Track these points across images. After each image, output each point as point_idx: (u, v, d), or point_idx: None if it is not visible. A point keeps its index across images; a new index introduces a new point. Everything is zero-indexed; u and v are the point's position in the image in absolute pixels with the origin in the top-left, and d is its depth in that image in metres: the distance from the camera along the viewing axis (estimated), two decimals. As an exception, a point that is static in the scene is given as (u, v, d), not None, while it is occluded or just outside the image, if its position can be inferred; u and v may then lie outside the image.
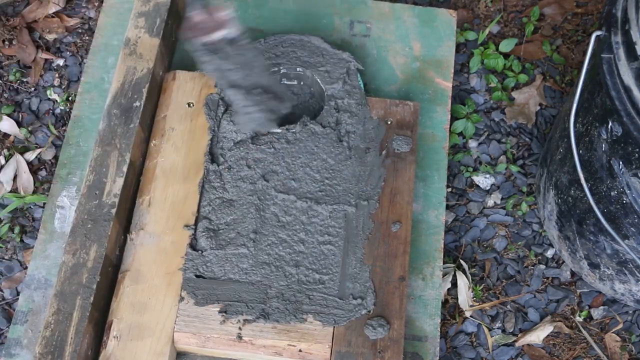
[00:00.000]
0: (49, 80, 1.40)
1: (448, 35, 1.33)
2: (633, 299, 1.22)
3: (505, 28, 1.50)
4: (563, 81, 1.45)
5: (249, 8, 1.34)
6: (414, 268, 1.15)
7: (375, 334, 1.01)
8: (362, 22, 1.33)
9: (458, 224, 1.33)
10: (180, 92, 1.16)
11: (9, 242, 1.28)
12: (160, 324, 1.01)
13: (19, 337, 1.10)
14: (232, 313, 1.01)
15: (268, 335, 1.01)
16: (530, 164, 1.38)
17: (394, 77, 1.29)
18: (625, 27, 0.94)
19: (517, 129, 1.41)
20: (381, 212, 1.09)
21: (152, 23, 1.17)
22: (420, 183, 1.21)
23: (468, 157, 1.38)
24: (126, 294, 1.02)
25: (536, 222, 1.34)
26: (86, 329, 0.97)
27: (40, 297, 1.12)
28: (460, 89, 1.43)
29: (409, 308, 1.12)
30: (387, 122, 1.15)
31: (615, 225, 1.07)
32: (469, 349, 1.25)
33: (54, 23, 1.45)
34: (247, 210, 1.08)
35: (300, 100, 1.21)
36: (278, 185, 1.10)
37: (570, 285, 1.31)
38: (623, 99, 0.94)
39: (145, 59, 1.14)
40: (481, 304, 1.27)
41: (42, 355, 0.95)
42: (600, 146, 1.03)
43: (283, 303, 1.03)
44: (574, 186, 1.14)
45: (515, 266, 1.31)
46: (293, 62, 1.20)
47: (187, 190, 1.09)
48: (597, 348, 1.25)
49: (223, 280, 1.03)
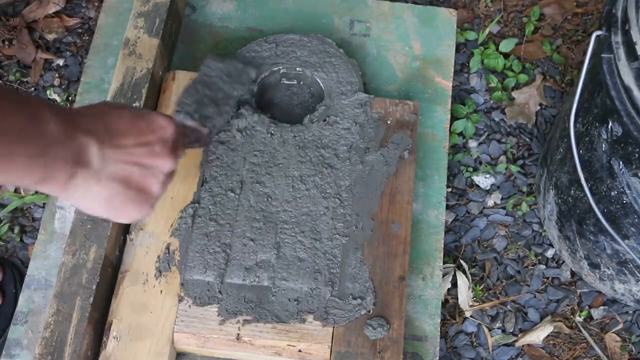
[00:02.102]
0: (49, 80, 1.40)
1: (448, 35, 1.33)
2: (633, 299, 1.22)
3: (505, 28, 1.50)
4: (563, 81, 1.45)
5: (249, 8, 1.34)
6: (414, 268, 1.15)
7: (375, 334, 1.01)
8: (362, 22, 1.33)
9: (458, 224, 1.33)
10: (180, 92, 1.16)
11: (9, 242, 1.28)
12: (160, 325, 1.01)
13: (18, 337, 1.10)
14: (231, 313, 1.01)
15: (267, 335, 1.01)
16: (530, 164, 1.38)
17: (394, 77, 1.29)
18: (625, 27, 0.94)
19: (517, 129, 1.41)
20: (381, 212, 1.09)
21: (151, 23, 1.17)
22: (420, 183, 1.21)
23: (468, 157, 1.38)
24: (126, 295, 1.02)
25: (536, 222, 1.34)
26: (86, 329, 0.97)
27: (40, 297, 1.12)
28: (460, 88, 1.43)
29: (409, 308, 1.12)
30: (387, 122, 1.15)
31: (616, 225, 1.07)
32: (469, 349, 1.25)
33: (53, 23, 1.45)
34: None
35: (300, 100, 1.21)
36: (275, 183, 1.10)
37: (570, 285, 1.31)
38: (623, 99, 0.94)
39: (144, 59, 1.14)
40: (481, 304, 1.27)
41: (41, 355, 0.95)
42: (600, 146, 1.03)
43: (283, 303, 1.03)
44: (574, 186, 1.14)
45: (515, 266, 1.31)
46: (293, 62, 1.20)
47: (187, 190, 1.09)
48: (597, 348, 1.25)
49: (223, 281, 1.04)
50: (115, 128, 0.76)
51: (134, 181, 0.78)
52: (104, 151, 0.73)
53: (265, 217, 1.07)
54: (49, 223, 1.17)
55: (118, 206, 0.78)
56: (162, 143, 0.81)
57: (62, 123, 0.68)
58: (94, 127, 0.73)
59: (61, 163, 0.69)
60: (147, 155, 0.79)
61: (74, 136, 0.70)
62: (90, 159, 0.72)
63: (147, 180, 0.80)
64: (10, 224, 1.28)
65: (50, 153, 0.67)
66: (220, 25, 1.32)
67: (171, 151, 0.83)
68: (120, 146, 0.76)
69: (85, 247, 1.01)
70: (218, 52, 1.29)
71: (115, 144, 0.75)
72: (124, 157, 0.76)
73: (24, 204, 1.28)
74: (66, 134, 0.68)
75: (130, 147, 0.77)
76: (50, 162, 0.67)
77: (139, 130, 0.79)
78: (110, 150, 0.74)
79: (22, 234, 1.28)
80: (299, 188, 1.10)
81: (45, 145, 0.66)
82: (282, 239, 1.06)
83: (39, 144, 0.65)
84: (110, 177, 0.75)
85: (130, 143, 0.77)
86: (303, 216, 1.08)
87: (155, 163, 0.80)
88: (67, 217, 1.17)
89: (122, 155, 0.76)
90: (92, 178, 0.73)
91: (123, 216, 0.81)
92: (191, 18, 1.32)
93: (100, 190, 0.75)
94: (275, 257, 1.05)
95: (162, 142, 0.81)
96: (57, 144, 0.68)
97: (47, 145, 0.66)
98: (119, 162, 0.76)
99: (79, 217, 1.03)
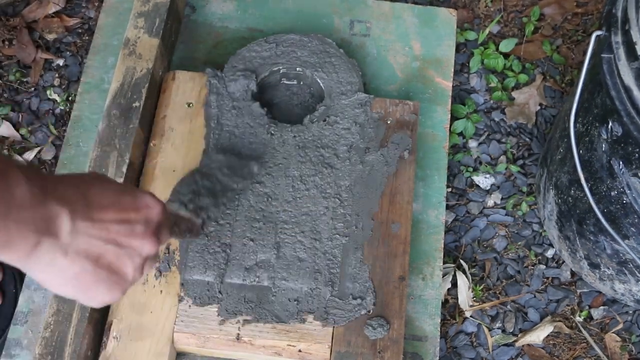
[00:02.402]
0: (49, 80, 1.40)
1: (448, 35, 1.33)
2: (633, 299, 1.22)
3: (505, 28, 1.50)
4: (563, 81, 1.45)
5: (249, 8, 1.34)
6: (414, 268, 1.15)
7: (375, 334, 1.01)
8: (362, 22, 1.33)
9: (458, 224, 1.33)
10: (180, 92, 1.16)
11: (9, 242, 1.27)
12: (160, 325, 1.01)
13: (18, 337, 1.10)
14: (231, 313, 1.01)
15: (267, 335, 1.01)
16: (530, 164, 1.38)
17: (394, 77, 1.29)
18: (625, 27, 0.94)
19: (517, 129, 1.41)
20: (381, 212, 1.09)
21: (151, 23, 1.17)
22: (420, 183, 1.21)
23: (468, 157, 1.38)
24: (126, 294, 1.02)
25: (536, 222, 1.34)
26: (86, 329, 0.97)
27: (40, 297, 1.12)
28: (460, 88, 1.43)
29: (409, 308, 1.12)
30: (387, 122, 1.15)
31: (615, 225, 1.07)
32: (469, 349, 1.25)
33: (53, 23, 1.45)
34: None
35: (300, 100, 1.22)
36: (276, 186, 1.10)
37: (570, 285, 1.31)
38: (623, 99, 0.94)
39: (144, 59, 1.14)
40: (481, 304, 1.27)
41: (41, 355, 0.95)
42: (600, 146, 1.03)
43: (283, 303, 1.03)
44: (574, 186, 1.14)
45: (515, 266, 1.31)
46: (293, 62, 1.20)
47: (187, 191, 1.09)
48: (597, 348, 1.25)
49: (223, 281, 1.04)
50: (95, 200, 0.69)
51: (106, 260, 0.70)
52: (75, 222, 0.66)
53: (265, 217, 1.08)
54: (49, 223, 1.17)
55: (86, 286, 0.70)
56: (145, 224, 0.74)
57: (33, 187, 0.62)
58: (69, 196, 0.66)
59: (24, 230, 0.62)
60: (126, 234, 0.72)
61: (44, 202, 0.63)
62: (59, 230, 0.65)
63: (121, 261, 0.72)
64: (10, 224, 1.28)
65: (13, 217, 0.60)
66: (220, 25, 1.32)
67: (153, 234, 0.75)
68: (96, 220, 0.69)
69: (85, 247, 1.01)
70: (218, 52, 1.29)
71: (91, 217, 0.68)
72: (98, 232, 0.69)
73: (24, 204, 1.28)
74: (36, 198, 0.62)
75: (108, 222, 0.70)
76: (12, 227, 0.60)
77: (121, 206, 0.72)
78: (84, 223, 0.67)
79: (22, 234, 1.28)
80: (298, 188, 1.10)
81: (8, 208, 0.60)
82: (282, 239, 1.06)
83: (1, 205, 0.59)
84: (80, 253, 0.68)
85: (108, 218, 0.70)
86: (303, 216, 1.08)
87: (134, 244, 0.72)
88: (67, 217, 1.16)
89: (97, 230, 0.69)
90: (58, 250, 0.65)
91: (89, 298, 0.72)
92: (191, 18, 1.32)
93: (66, 265, 0.67)
94: (275, 257, 1.05)
95: (145, 223, 0.74)
96: (23, 209, 0.61)
97: (10, 208, 0.60)
98: (92, 237, 0.68)
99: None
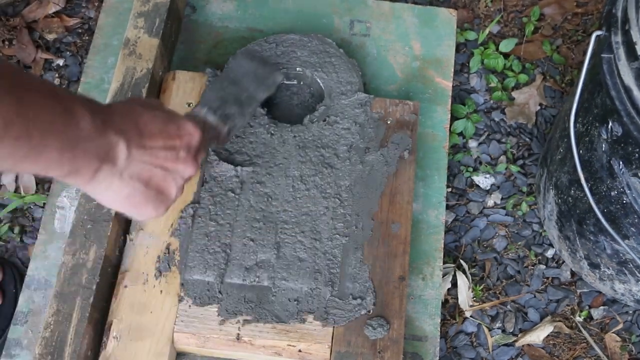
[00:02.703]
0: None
1: (448, 35, 1.33)
2: (633, 299, 1.22)
3: (505, 28, 1.50)
4: (563, 81, 1.45)
5: (249, 8, 1.34)
6: (414, 268, 1.15)
7: (375, 334, 1.01)
8: (362, 22, 1.33)
9: (458, 224, 1.33)
10: (180, 92, 1.16)
11: (9, 242, 1.28)
12: (160, 325, 1.01)
13: (18, 337, 1.10)
14: (231, 313, 1.01)
15: (267, 335, 1.01)
16: (530, 164, 1.38)
17: (394, 77, 1.29)
18: (625, 27, 0.94)
19: (517, 129, 1.41)
20: (381, 212, 1.09)
21: (151, 23, 1.17)
22: (420, 183, 1.21)
23: (468, 157, 1.38)
24: (126, 295, 1.02)
25: (536, 222, 1.34)
26: (86, 329, 0.97)
27: (40, 297, 1.12)
28: (460, 88, 1.43)
29: (409, 308, 1.12)
30: (387, 122, 1.15)
31: (615, 225, 1.07)
32: (469, 349, 1.25)
33: (53, 23, 1.45)
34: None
35: (300, 100, 1.22)
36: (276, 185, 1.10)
37: (570, 285, 1.31)
38: (623, 99, 0.94)
39: (144, 59, 1.14)
40: (481, 304, 1.27)
41: (41, 355, 0.95)
42: (600, 146, 1.03)
43: (283, 303, 1.03)
44: (574, 186, 1.14)
45: (515, 266, 1.31)
46: (293, 62, 1.20)
47: (187, 190, 1.09)
48: (597, 348, 1.25)
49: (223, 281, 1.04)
50: (146, 130, 0.78)
51: (154, 182, 0.81)
52: (131, 151, 0.75)
53: (265, 217, 1.07)
54: (49, 223, 1.17)
55: (136, 204, 0.80)
56: (187, 149, 0.84)
57: (95, 120, 0.70)
58: (125, 127, 0.75)
59: (89, 158, 0.70)
60: (172, 160, 0.82)
61: (105, 134, 0.72)
62: (117, 157, 0.74)
63: (167, 183, 0.82)
64: (10, 224, 1.28)
65: (80, 148, 0.69)
66: (220, 25, 1.32)
67: (194, 158, 0.85)
68: (147, 147, 0.78)
69: (85, 247, 1.01)
70: (218, 52, 1.29)
71: (143, 144, 0.78)
72: (149, 158, 0.79)
73: (24, 204, 1.28)
74: (98, 131, 0.70)
75: (156, 149, 0.79)
76: (80, 156, 0.69)
77: (168, 134, 0.81)
78: (137, 151, 0.77)
79: (22, 234, 1.28)
80: (299, 188, 1.10)
81: (76, 140, 0.68)
82: (282, 239, 1.06)
83: (70, 139, 0.67)
84: (133, 176, 0.78)
85: (157, 145, 0.80)
86: (303, 216, 1.08)
87: (178, 168, 0.83)
88: (67, 217, 1.17)
89: (148, 156, 0.78)
90: (115, 175, 0.75)
91: (139, 213, 0.83)
92: (191, 18, 1.32)
93: (121, 186, 0.77)
94: (275, 257, 1.05)
95: (187, 148, 0.84)
96: (88, 140, 0.69)
97: (79, 140, 0.68)
98: (144, 162, 0.78)
99: (79, 217, 1.03)
